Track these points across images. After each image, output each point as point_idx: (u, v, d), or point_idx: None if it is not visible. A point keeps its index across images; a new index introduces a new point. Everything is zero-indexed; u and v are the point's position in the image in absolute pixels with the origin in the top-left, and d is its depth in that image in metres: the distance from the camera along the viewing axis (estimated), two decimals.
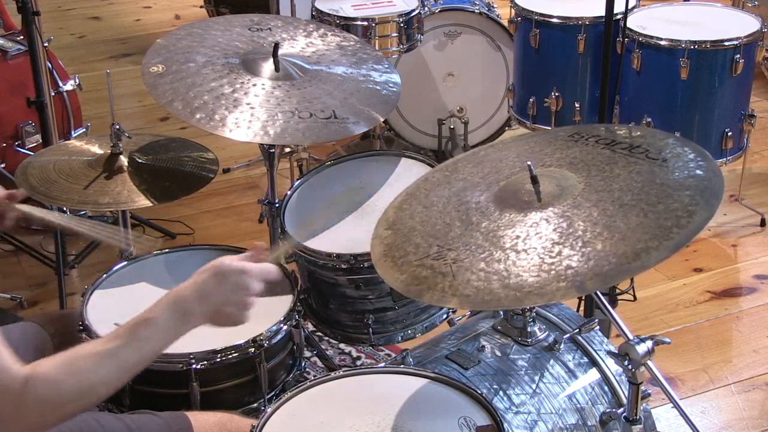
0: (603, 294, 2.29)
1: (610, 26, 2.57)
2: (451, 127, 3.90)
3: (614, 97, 3.11)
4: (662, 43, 3.13)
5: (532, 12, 3.37)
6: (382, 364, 1.82)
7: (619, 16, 2.79)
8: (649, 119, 3.21)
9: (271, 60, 2.30)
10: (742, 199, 3.64)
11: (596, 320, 1.93)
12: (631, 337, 1.60)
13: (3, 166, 3.40)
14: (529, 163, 1.63)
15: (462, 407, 1.62)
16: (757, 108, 3.47)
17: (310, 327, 2.53)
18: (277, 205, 2.42)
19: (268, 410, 1.61)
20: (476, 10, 3.74)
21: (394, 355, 2.62)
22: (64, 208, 2.58)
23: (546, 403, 1.80)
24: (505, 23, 3.71)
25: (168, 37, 2.39)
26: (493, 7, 3.90)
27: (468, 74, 3.86)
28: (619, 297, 2.89)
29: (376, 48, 3.28)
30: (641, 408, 1.65)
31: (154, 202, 2.24)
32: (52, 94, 3.36)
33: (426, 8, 3.64)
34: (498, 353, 1.87)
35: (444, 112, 3.89)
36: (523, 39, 3.45)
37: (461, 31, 3.78)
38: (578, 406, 1.82)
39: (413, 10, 3.43)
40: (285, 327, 2.01)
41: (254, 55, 2.33)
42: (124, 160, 2.31)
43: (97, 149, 2.38)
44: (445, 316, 2.33)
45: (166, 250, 2.24)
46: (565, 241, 1.49)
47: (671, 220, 1.46)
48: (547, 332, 1.92)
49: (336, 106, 2.24)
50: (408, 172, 2.40)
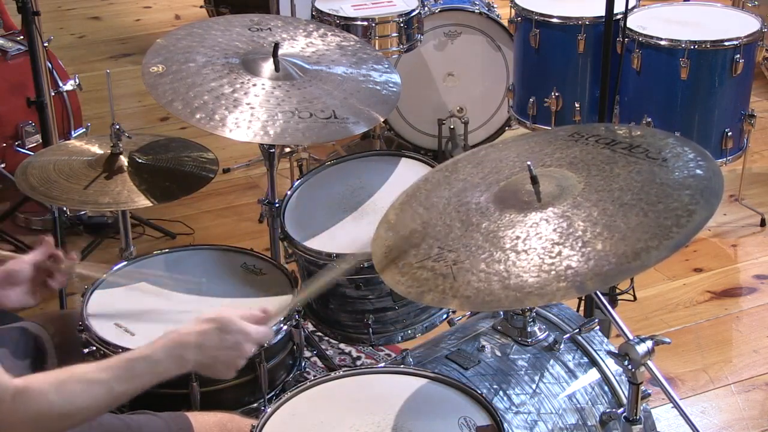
0: (603, 294, 2.29)
1: (610, 26, 2.57)
2: (451, 127, 3.89)
3: (614, 97, 3.10)
4: (662, 43, 3.13)
5: (532, 12, 3.37)
6: (382, 364, 1.82)
7: (619, 16, 2.79)
8: (649, 119, 3.21)
9: (271, 60, 2.29)
10: (742, 199, 3.64)
11: (596, 320, 1.93)
12: (631, 337, 1.60)
13: (3, 166, 3.40)
14: (529, 163, 1.63)
15: (462, 407, 1.62)
16: (757, 108, 3.47)
17: (310, 327, 2.53)
18: (277, 205, 2.42)
19: (268, 410, 1.61)
20: (476, 10, 3.73)
21: (394, 355, 2.62)
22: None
23: (546, 403, 1.80)
24: (505, 23, 3.71)
25: (168, 37, 2.39)
26: (493, 7, 3.90)
27: (468, 74, 3.86)
28: (619, 297, 2.88)
29: (376, 48, 3.28)
30: (641, 408, 1.65)
31: (154, 202, 2.24)
32: (52, 94, 3.36)
33: (426, 8, 3.64)
34: (498, 353, 1.87)
35: (444, 112, 3.88)
36: (523, 39, 3.45)
37: (461, 31, 3.78)
38: (578, 406, 1.82)
39: (413, 10, 3.43)
40: (285, 327, 2.01)
41: (254, 55, 2.33)
42: (124, 160, 2.31)
43: (97, 149, 2.38)
44: (445, 316, 2.32)
45: (166, 250, 2.24)
46: (565, 242, 1.49)
47: (671, 220, 1.46)
48: (547, 332, 1.91)
49: (336, 106, 2.24)
50: (408, 172, 2.40)
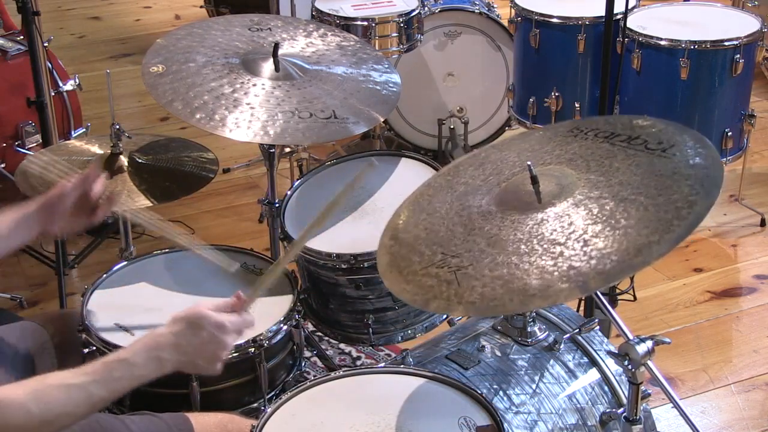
0: (603, 294, 2.29)
1: (610, 26, 2.57)
2: (451, 127, 3.89)
3: (614, 97, 3.10)
4: (662, 43, 3.13)
5: (532, 12, 3.37)
6: (382, 364, 1.82)
7: (619, 16, 2.79)
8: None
9: (271, 60, 2.29)
10: (742, 199, 3.64)
11: (596, 320, 1.93)
12: (631, 337, 1.60)
13: (3, 166, 3.40)
14: (528, 163, 1.63)
15: (462, 407, 1.62)
16: (757, 108, 3.47)
17: (310, 327, 2.53)
18: (277, 205, 2.42)
19: (268, 410, 1.61)
20: (476, 10, 3.73)
21: (394, 355, 2.62)
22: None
23: (546, 403, 1.80)
24: (505, 23, 3.71)
25: (168, 37, 2.39)
26: (493, 7, 3.90)
27: (468, 74, 3.86)
28: (619, 297, 2.89)
29: (376, 48, 3.28)
30: (641, 408, 1.65)
31: (154, 202, 2.24)
32: (52, 94, 3.36)
33: (426, 8, 3.64)
34: (498, 353, 1.87)
35: (444, 112, 3.88)
36: (523, 39, 3.45)
37: (461, 31, 3.78)
38: (578, 406, 1.82)
39: (413, 10, 3.43)
40: (285, 327, 2.01)
41: (254, 55, 2.33)
42: (124, 160, 2.31)
43: (97, 149, 2.38)
44: (445, 316, 2.33)
45: (166, 250, 2.24)
46: (566, 241, 1.49)
47: (671, 212, 1.46)
48: (547, 332, 1.92)
49: (336, 106, 2.24)
50: (408, 172, 2.40)
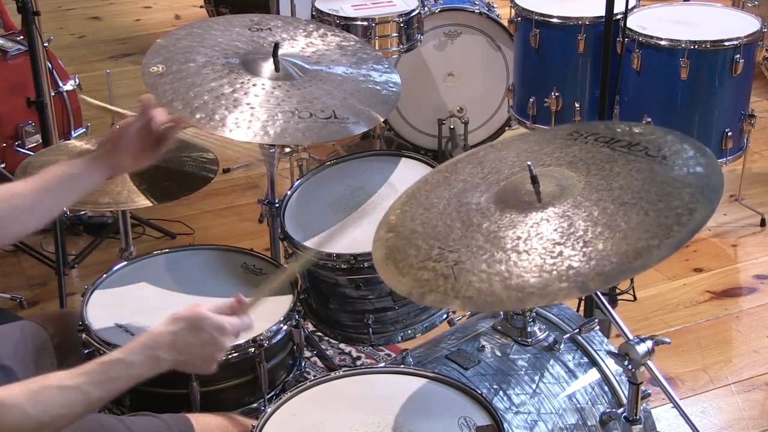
0: (603, 294, 2.29)
1: (610, 26, 2.57)
2: (451, 127, 3.89)
3: (614, 97, 3.10)
4: (662, 43, 3.13)
5: (532, 12, 3.37)
6: (382, 364, 1.82)
7: (619, 16, 2.79)
8: (649, 119, 3.21)
9: (271, 60, 2.29)
10: (742, 199, 3.64)
11: (596, 320, 1.93)
12: (631, 337, 1.60)
13: (3, 166, 3.40)
14: (529, 163, 1.63)
15: (462, 407, 1.62)
16: (757, 108, 3.47)
17: (310, 327, 2.52)
18: (277, 205, 2.42)
19: (268, 410, 1.61)
20: (476, 10, 3.73)
21: (394, 355, 2.62)
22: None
23: (546, 403, 1.80)
24: (505, 23, 3.71)
25: (168, 37, 2.38)
26: (493, 7, 3.90)
27: (468, 74, 3.86)
28: (619, 297, 2.89)
29: (376, 48, 3.28)
30: (641, 408, 1.65)
31: (154, 202, 2.24)
32: (52, 94, 3.36)
33: (426, 8, 3.64)
34: (498, 353, 1.87)
35: (444, 112, 3.88)
36: (523, 39, 3.45)
37: (461, 31, 3.78)
38: (578, 406, 1.82)
39: (413, 10, 3.43)
40: (285, 327, 2.01)
41: (254, 55, 2.33)
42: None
43: None
44: (445, 316, 2.32)
45: (166, 250, 2.24)
46: (566, 241, 1.49)
47: (672, 218, 1.46)
48: (547, 332, 1.91)
49: (336, 106, 2.24)
50: (408, 172, 2.40)
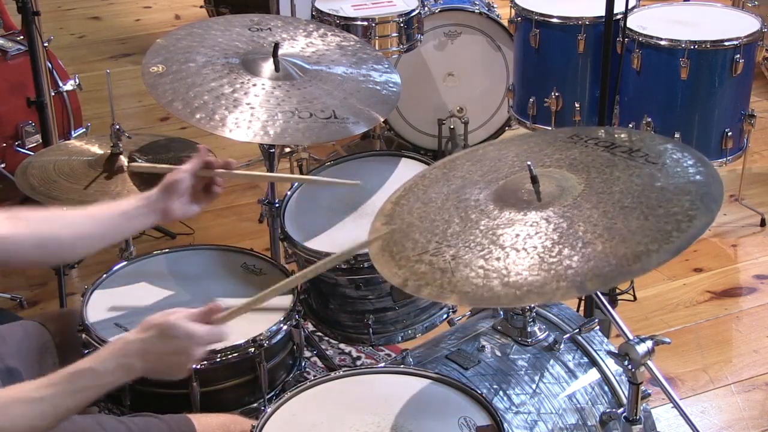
0: (603, 294, 2.29)
1: (610, 26, 2.57)
2: (451, 127, 3.89)
3: (614, 97, 3.10)
4: (662, 43, 3.13)
5: (532, 12, 3.37)
6: (382, 364, 1.82)
7: (619, 16, 2.78)
8: (649, 119, 3.21)
9: (271, 60, 2.29)
10: (742, 199, 3.64)
11: (596, 320, 1.94)
12: (631, 337, 1.60)
13: (3, 166, 3.40)
14: (529, 163, 1.63)
15: (462, 407, 1.62)
16: (757, 108, 3.47)
17: (310, 327, 2.53)
18: (277, 205, 2.42)
19: (268, 410, 1.61)
20: (476, 10, 3.73)
21: (394, 355, 2.62)
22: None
23: (546, 403, 1.80)
24: (505, 23, 3.70)
25: (168, 37, 2.39)
26: (493, 7, 3.90)
27: (468, 74, 3.86)
28: (619, 297, 2.89)
29: (376, 48, 3.27)
30: (641, 408, 1.65)
31: None
32: (52, 94, 3.36)
33: (426, 8, 3.64)
34: (498, 353, 1.87)
35: (444, 112, 3.88)
36: (523, 39, 3.45)
37: (461, 31, 3.78)
38: (578, 406, 1.82)
39: (413, 10, 3.43)
40: (285, 327, 2.01)
41: (254, 55, 2.33)
42: (124, 160, 2.31)
43: (97, 149, 2.38)
44: (445, 316, 2.32)
45: (166, 250, 2.24)
46: (565, 242, 1.49)
47: (671, 224, 1.46)
48: (547, 332, 1.92)
49: (336, 106, 2.24)
50: (408, 173, 2.39)
